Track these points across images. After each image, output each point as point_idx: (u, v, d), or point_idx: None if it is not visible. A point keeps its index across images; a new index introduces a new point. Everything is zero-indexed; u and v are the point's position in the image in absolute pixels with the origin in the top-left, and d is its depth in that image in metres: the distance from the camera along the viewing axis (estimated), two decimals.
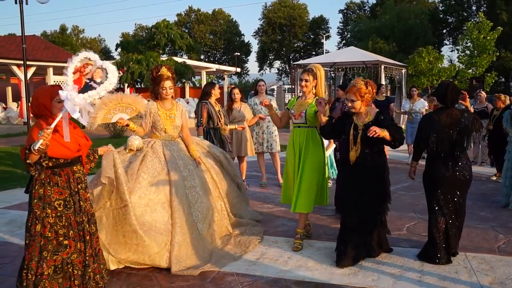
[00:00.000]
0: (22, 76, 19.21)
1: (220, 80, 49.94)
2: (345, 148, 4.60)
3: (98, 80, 3.38)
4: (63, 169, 3.44)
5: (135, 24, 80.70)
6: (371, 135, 4.05)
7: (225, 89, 27.72)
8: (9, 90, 26.07)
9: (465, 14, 49.48)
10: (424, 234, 5.35)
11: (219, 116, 6.89)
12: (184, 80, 22.41)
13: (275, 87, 31.42)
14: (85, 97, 3.29)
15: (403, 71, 20.31)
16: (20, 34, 9.94)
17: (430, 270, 4.29)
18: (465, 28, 29.24)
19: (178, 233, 4.38)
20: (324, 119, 4.61)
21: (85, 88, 3.32)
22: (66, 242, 3.44)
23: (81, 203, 3.53)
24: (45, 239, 3.38)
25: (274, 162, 8.20)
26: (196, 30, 63.59)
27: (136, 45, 10.95)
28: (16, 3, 9.29)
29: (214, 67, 28.29)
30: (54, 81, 21.77)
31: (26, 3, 9.40)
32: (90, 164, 3.77)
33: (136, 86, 22.44)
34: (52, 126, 3.15)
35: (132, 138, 4.71)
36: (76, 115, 3.21)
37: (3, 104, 23.15)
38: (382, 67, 18.60)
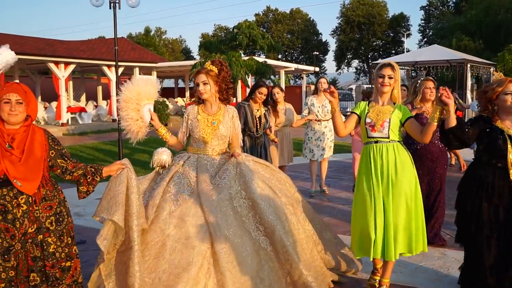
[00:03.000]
0: (111, 76, 20.54)
1: (297, 80, 50.03)
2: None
3: None
4: None
5: (214, 25, 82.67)
6: None
7: (303, 89, 27.67)
8: (99, 89, 27.91)
9: None
10: None
11: (258, 122, 5.72)
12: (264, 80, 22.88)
13: (353, 86, 30.95)
14: None
15: (491, 69, 19.23)
16: (110, 37, 10.67)
17: None
18: None
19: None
20: (453, 119, 3.24)
21: None
22: None
23: None
24: None
25: (322, 168, 7.42)
26: (274, 29, 64.05)
27: (219, 45, 11.23)
28: (110, 8, 9.98)
29: (293, 66, 28.26)
30: None
31: (119, 8, 10.05)
32: (87, 187, 3.09)
33: None
34: None
35: (159, 152, 3.68)
36: None
37: (94, 102, 24.80)
38: (468, 65, 17.73)
